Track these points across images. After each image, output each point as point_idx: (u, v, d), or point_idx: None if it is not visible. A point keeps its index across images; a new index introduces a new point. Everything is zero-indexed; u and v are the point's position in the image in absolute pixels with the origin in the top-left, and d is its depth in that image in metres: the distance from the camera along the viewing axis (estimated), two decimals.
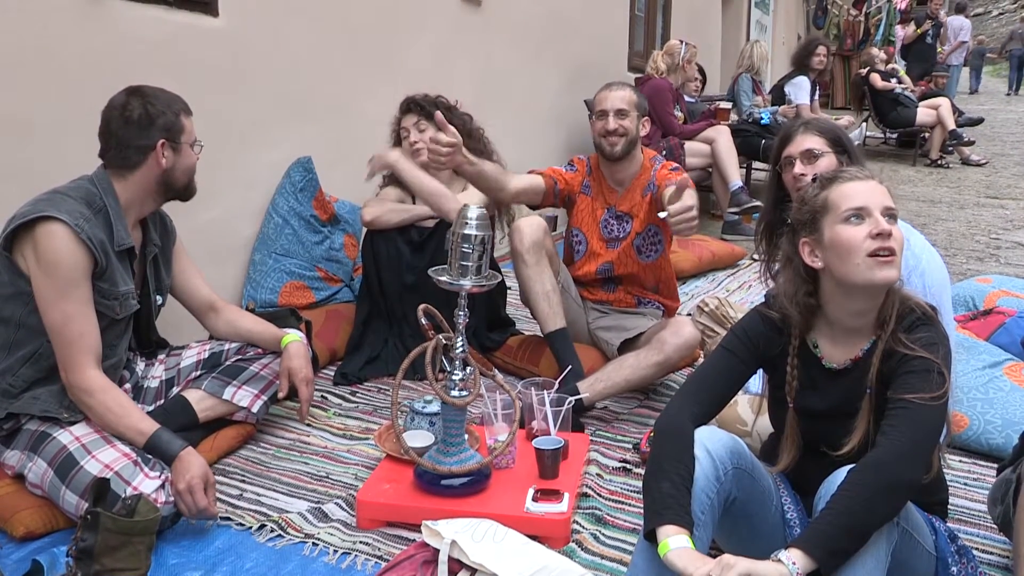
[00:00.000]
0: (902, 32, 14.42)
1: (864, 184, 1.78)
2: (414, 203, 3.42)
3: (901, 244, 1.74)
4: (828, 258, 1.77)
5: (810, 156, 2.34)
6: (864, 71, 9.79)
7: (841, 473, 1.64)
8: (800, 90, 7.58)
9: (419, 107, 3.37)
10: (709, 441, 1.74)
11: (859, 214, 1.74)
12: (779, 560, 1.50)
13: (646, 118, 3.18)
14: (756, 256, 5.33)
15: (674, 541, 1.56)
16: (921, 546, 1.71)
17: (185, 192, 2.43)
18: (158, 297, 2.52)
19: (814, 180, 1.88)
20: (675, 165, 3.20)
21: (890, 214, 1.75)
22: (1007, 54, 21.12)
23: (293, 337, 2.66)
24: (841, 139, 2.38)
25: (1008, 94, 19.96)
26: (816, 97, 7.93)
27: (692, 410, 1.81)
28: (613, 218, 3.21)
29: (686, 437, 1.74)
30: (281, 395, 2.66)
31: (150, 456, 2.16)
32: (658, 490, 1.66)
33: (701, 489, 1.69)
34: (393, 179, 3.47)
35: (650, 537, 1.61)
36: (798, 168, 2.34)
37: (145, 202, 2.37)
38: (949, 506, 2.01)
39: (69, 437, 2.15)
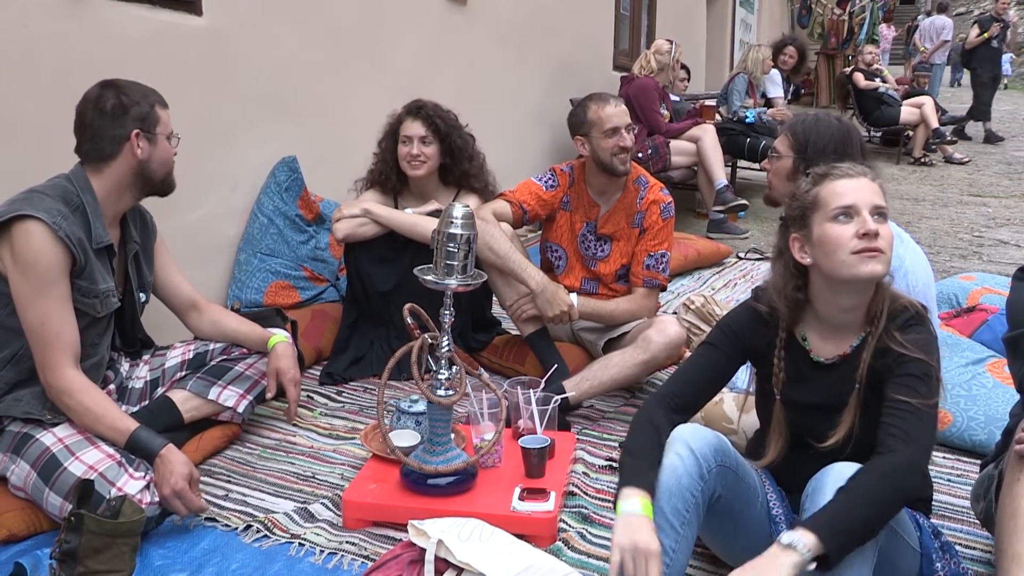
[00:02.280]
0: (887, 31, 14.44)
1: (854, 182, 1.78)
2: (396, 205, 3.42)
3: (890, 242, 1.75)
4: (816, 254, 1.78)
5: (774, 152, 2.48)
6: (848, 70, 9.83)
7: (832, 471, 1.65)
8: (772, 84, 7.75)
9: (430, 119, 3.30)
10: (693, 439, 1.74)
11: (847, 213, 1.74)
12: (790, 546, 1.48)
13: None
14: (740, 255, 5.37)
15: (626, 505, 1.61)
16: (906, 543, 1.72)
17: (163, 186, 2.39)
18: (141, 295, 2.49)
19: (807, 175, 1.89)
20: (666, 195, 3.16)
21: (879, 212, 1.75)
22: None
23: (280, 338, 2.65)
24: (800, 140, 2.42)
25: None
26: (787, 95, 8.03)
27: (668, 402, 1.84)
28: (591, 234, 3.19)
29: (655, 426, 1.78)
30: (269, 395, 2.65)
31: (134, 456, 2.15)
32: (622, 466, 1.72)
33: (686, 488, 1.69)
34: (371, 182, 3.46)
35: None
36: (764, 164, 2.52)
37: (123, 197, 2.33)
38: (933, 502, 2.03)
39: (52, 439, 2.13)
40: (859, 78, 9.48)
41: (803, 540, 1.48)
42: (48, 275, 2.11)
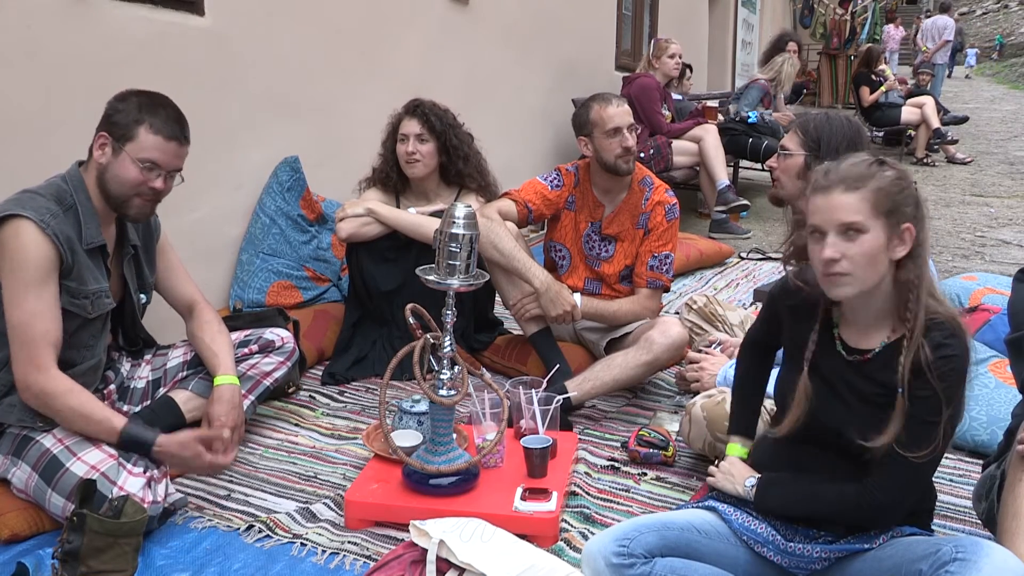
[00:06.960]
0: (895, 31, 14.38)
1: (823, 199, 1.69)
2: (398, 204, 3.42)
3: (860, 262, 1.66)
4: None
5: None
6: (875, 69, 9.57)
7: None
8: None
9: (425, 117, 3.31)
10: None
11: (817, 232, 1.70)
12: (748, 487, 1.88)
13: None
14: (743, 255, 5.37)
15: (730, 449, 2.04)
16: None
17: (115, 204, 2.24)
18: (141, 296, 2.49)
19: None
20: (671, 197, 3.16)
21: (850, 228, 1.66)
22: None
23: (226, 379, 2.43)
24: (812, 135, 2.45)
25: (947, 76, 23.16)
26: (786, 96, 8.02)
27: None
28: (596, 234, 3.19)
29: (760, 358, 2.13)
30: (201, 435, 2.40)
31: (131, 453, 2.14)
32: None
33: None
34: (375, 180, 3.46)
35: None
36: (771, 161, 2.57)
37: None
38: (936, 503, 2.02)
39: (52, 440, 2.13)
40: (865, 93, 9.40)
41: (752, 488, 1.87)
42: (38, 273, 2.09)
